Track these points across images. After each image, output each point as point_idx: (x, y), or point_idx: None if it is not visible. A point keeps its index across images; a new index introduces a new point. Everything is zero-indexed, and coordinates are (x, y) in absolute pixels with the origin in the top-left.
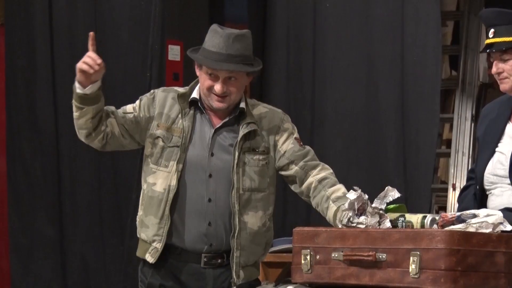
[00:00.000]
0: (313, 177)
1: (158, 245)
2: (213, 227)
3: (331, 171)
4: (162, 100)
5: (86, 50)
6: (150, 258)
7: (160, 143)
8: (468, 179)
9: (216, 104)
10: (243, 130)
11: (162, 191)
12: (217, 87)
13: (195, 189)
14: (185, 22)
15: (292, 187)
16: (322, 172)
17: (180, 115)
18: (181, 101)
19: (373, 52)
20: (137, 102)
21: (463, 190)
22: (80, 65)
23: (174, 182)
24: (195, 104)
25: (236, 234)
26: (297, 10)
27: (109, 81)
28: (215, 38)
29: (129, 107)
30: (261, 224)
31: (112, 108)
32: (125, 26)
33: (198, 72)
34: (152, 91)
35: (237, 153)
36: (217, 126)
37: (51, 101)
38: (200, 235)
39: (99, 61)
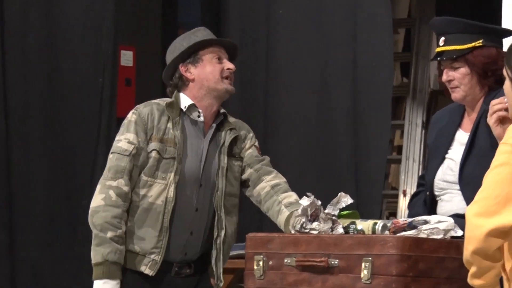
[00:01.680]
0: (266, 182)
1: (157, 258)
2: (194, 236)
3: (285, 180)
4: (149, 114)
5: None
6: (148, 271)
7: (155, 155)
8: (419, 185)
9: (229, 87)
10: (230, 136)
11: (161, 203)
12: (228, 64)
13: (187, 200)
14: (138, 28)
15: (246, 191)
16: (276, 179)
17: (170, 125)
18: (170, 111)
19: (326, 58)
20: (130, 134)
21: (413, 196)
22: None
23: (171, 193)
24: (182, 113)
25: (219, 238)
26: (251, 17)
27: (61, 86)
28: (199, 32)
29: (124, 146)
30: (234, 229)
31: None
32: (77, 30)
33: (195, 70)
34: (131, 112)
35: (226, 158)
36: (209, 135)
37: (2, 107)
38: (181, 245)
39: None
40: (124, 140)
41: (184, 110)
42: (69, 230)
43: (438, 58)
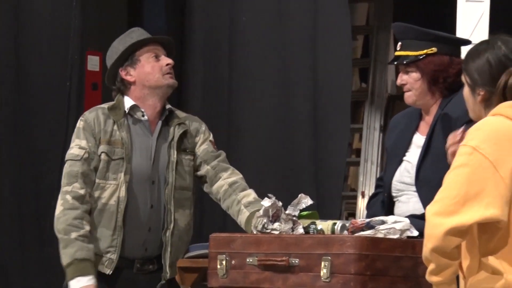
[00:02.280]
0: (223, 180)
1: (113, 256)
2: (152, 232)
3: (241, 176)
4: (95, 119)
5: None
6: (106, 270)
7: (104, 157)
8: (377, 187)
9: (171, 81)
10: (178, 130)
11: (113, 203)
12: (166, 60)
13: (140, 198)
14: (104, 33)
15: (204, 187)
16: (232, 176)
17: (115, 127)
18: (113, 113)
19: (287, 64)
20: (80, 140)
21: (371, 198)
22: None
23: (123, 193)
24: (126, 115)
25: (168, 231)
26: (215, 22)
27: (28, 90)
28: (133, 33)
29: (76, 151)
30: (187, 223)
31: (87, 201)
32: (45, 36)
33: (135, 72)
34: (79, 120)
35: (175, 152)
36: (156, 133)
37: None
38: (140, 242)
39: None
40: (75, 146)
41: (127, 111)
42: (37, 232)
43: (395, 63)
